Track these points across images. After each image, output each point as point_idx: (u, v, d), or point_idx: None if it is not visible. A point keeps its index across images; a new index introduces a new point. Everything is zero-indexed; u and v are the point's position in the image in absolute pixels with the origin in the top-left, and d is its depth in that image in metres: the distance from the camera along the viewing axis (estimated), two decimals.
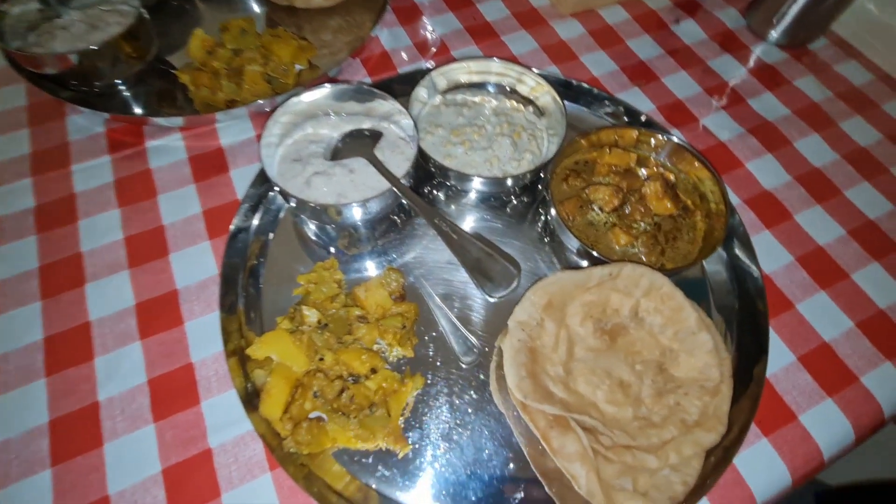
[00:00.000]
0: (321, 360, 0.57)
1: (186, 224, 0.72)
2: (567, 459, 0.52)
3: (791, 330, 0.68)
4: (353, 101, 0.76)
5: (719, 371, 0.57)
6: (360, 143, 0.71)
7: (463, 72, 0.83)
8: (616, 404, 0.57)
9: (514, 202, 0.79)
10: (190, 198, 0.75)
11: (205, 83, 0.79)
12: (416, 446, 0.58)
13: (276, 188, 0.65)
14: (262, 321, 0.64)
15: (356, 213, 0.68)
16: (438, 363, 0.63)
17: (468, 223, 0.76)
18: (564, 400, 0.57)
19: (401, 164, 0.70)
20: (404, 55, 0.93)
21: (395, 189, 0.63)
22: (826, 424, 0.62)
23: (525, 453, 0.59)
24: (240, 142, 0.81)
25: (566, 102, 0.77)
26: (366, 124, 0.75)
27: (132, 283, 0.67)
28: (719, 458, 0.56)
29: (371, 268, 0.70)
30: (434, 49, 0.95)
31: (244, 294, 0.66)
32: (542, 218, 0.77)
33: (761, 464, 0.59)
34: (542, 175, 0.75)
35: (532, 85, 0.82)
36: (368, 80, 0.90)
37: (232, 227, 0.70)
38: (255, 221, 0.72)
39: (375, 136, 0.72)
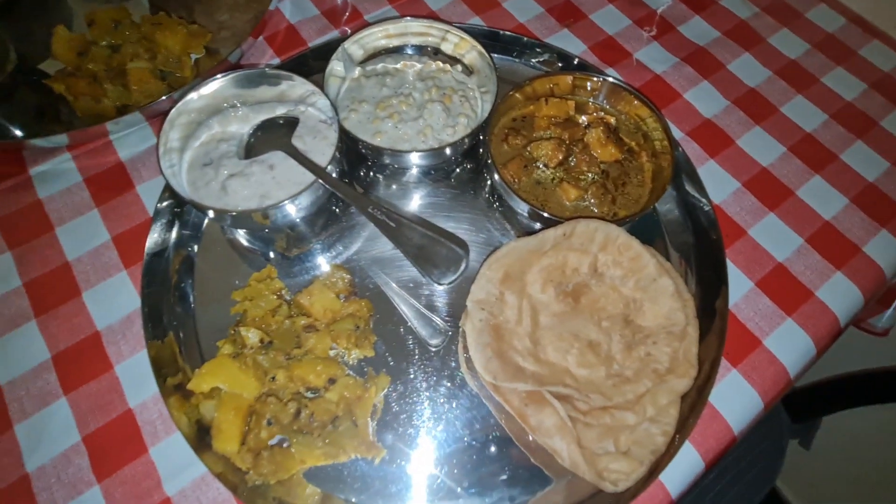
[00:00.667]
0: (273, 380, 0.52)
1: (95, 256, 0.64)
2: (546, 435, 0.50)
3: (746, 257, 0.68)
4: (261, 88, 0.68)
5: (684, 314, 0.56)
6: (275, 135, 0.64)
7: (379, 37, 0.76)
8: (588, 366, 0.56)
9: (457, 171, 0.74)
10: (94, 225, 0.66)
11: (83, 90, 0.69)
12: (392, 448, 0.55)
13: (187, 201, 0.58)
14: (202, 349, 0.58)
15: (287, 213, 0.61)
16: (405, 355, 0.60)
17: (413, 202, 0.71)
18: (536, 373, 0.55)
19: (325, 151, 0.63)
20: (313, 27, 0.84)
21: (321, 181, 0.57)
22: (789, 344, 0.63)
23: (506, 430, 0.57)
24: (142, 152, 0.72)
25: (494, 55, 0.72)
26: (279, 112, 0.67)
27: (43, 333, 0.59)
28: (694, 399, 0.56)
29: (320, 266, 0.65)
30: (346, 15, 0.86)
31: (174, 322, 0.59)
32: (489, 183, 0.73)
33: (734, 395, 0.60)
34: (480, 138, 0.70)
35: (455, 42, 0.75)
36: (277, 60, 0.81)
37: (147, 249, 0.62)
38: (173, 238, 0.64)
39: (291, 123, 0.64)
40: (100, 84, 0.69)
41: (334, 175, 0.61)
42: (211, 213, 0.58)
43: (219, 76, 0.64)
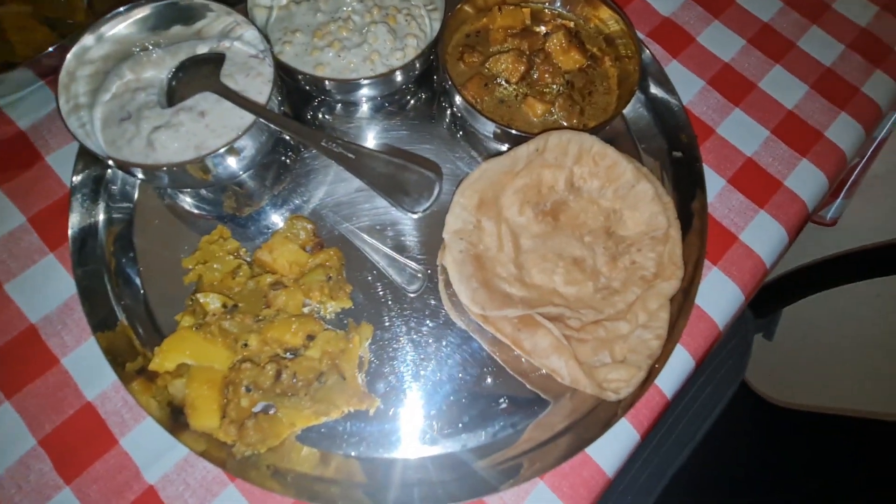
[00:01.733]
0: (245, 346, 0.48)
1: (12, 241, 0.55)
2: (543, 356, 0.49)
3: (717, 155, 0.67)
4: (176, 25, 0.59)
5: (665, 217, 0.55)
6: (201, 74, 0.55)
7: None
8: (575, 283, 0.54)
9: (411, 99, 0.68)
10: (3, 208, 0.57)
11: None
12: (386, 396, 0.52)
13: (109, 163, 0.50)
14: (158, 327, 0.53)
15: (229, 164, 0.54)
16: (384, 302, 0.56)
17: (368, 139, 0.65)
18: (525, 297, 0.52)
19: (262, 90, 0.56)
20: None
21: (263, 120, 0.50)
22: (764, 235, 0.63)
23: (498, 360, 0.56)
24: (43, 117, 0.61)
25: None
26: (200, 50, 0.58)
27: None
28: (681, 301, 0.56)
29: (277, 224, 0.59)
30: None
31: (123, 303, 0.53)
32: (448, 109, 0.67)
33: (716, 292, 0.60)
34: (432, 59, 0.64)
35: None
36: None
37: (71, 227, 0.54)
38: (101, 210, 0.56)
39: (216, 60, 0.56)
40: None
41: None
42: (140, 173, 0.50)
43: (120, 13, 0.54)
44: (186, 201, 0.60)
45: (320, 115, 0.66)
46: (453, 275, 0.52)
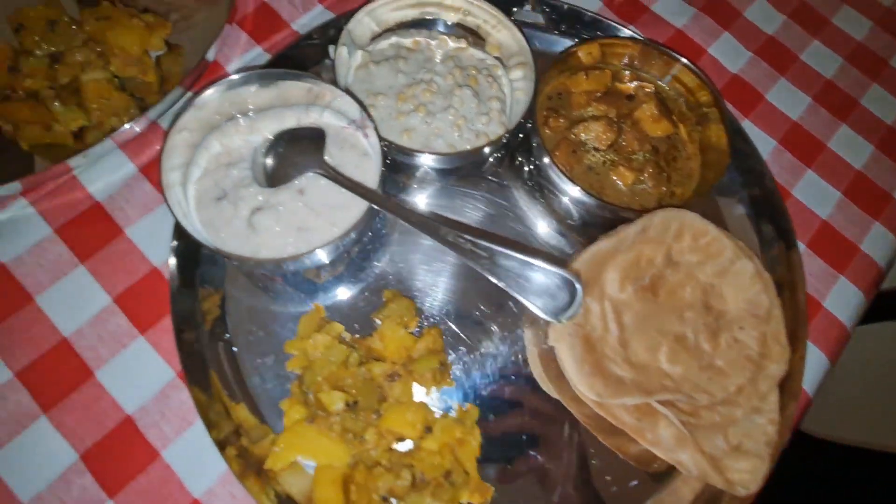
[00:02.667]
0: (362, 440, 0.46)
1: (98, 325, 0.53)
2: (668, 449, 0.49)
3: (795, 219, 0.67)
4: (258, 90, 0.57)
5: (767, 296, 0.55)
6: (299, 150, 0.53)
7: (387, 12, 0.64)
8: (680, 362, 0.54)
9: (491, 165, 0.67)
10: (85, 287, 0.54)
11: (27, 117, 0.54)
12: (496, 482, 0.51)
13: (210, 250, 0.48)
14: (262, 413, 0.51)
15: (331, 252, 0.53)
16: (480, 376, 0.56)
17: (446, 209, 0.64)
18: (635, 380, 0.52)
19: (362, 165, 0.54)
20: (289, 2, 0.70)
21: (374, 206, 0.48)
22: (844, 301, 0.65)
23: (592, 430, 0.56)
24: (119, 183, 0.59)
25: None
26: (289, 119, 0.56)
27: (60, 430, 0.49)
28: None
29: (371, 298, 0.57)
30: None
31: (224, 391, 0.51)
32: (529, 173, 0.66)
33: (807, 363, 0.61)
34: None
35: (467, 10, 0.66)
36: (258, 49, 0.67)
37: (172, 308, 0.52)
38: (196, 290, 0.54)
39: (314, 134, 0.54)
40: (46, 105, 0.54)
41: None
42: (246, 265, 0.48)
43: (214, 85, 0.52)
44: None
45: (393, 178, 0.65)
46: (566, 360, 0.51)
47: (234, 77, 0.53)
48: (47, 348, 0.51)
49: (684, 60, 0.63)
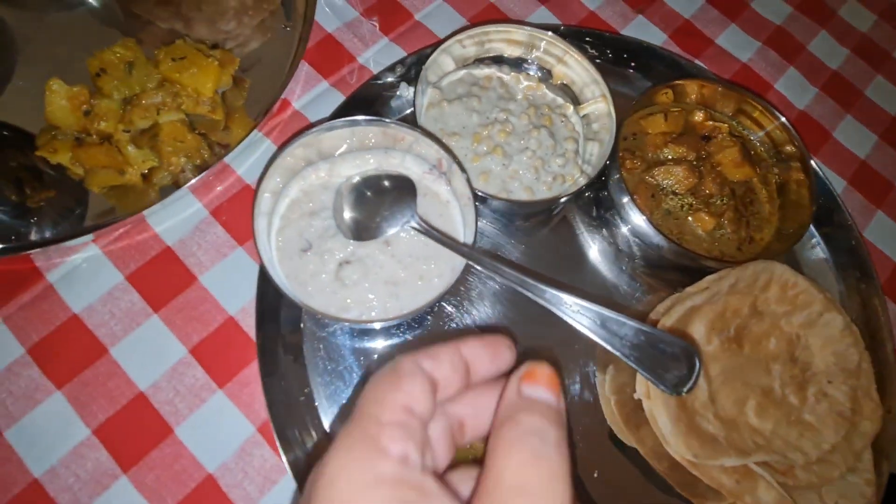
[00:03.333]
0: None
1: (174, 378, 0.51)
2: None
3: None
4: (334, 133, 0.55)
5: (857, 350, 0.54)
6: (390, 200, 0.51)
7: (462, 44, 0.63)
8: (768, 417, 0.53)
9: (558, 207, 0.65)
10: (160, 337, 0.52)
11: (101, 161, 0.52)
12: None
13: (300, 304, 0.46)
14: None
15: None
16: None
17: (514, 253, 0.62)
18: (727, 438, 0.51)
19: (446, 213, 0.53)
20: (356, 35, 0.68)
21: (472, 263, 0.47)
22: None
23: (669, 481, 0.55)
24: (189, 226, 0.57)
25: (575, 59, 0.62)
26: (369, 164, 0.54)
27: (141, 491, 0.47)
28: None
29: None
30: (380, 16, 0.70)
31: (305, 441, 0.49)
32: (597, 214, 0.65)
33: None
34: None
35: (546, 48, 0.64)
36: (324, 83, 0.65)
37: (262, 371, 0.50)
38: (281, 348, 0.52)
39: (404, 184, 0.52)
40: (120, 149, 0.52)
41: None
42: (332, 322, 0.47)
43: (300, 138, 0.50)
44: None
45: None
46: (661, 419, 0.50)
47: (321, 127, 0.51)
48: (124, 403, 0.50)
49: (758, 97, 0.62)
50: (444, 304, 0.59)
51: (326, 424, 0.51)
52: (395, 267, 0.50)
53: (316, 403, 0.51)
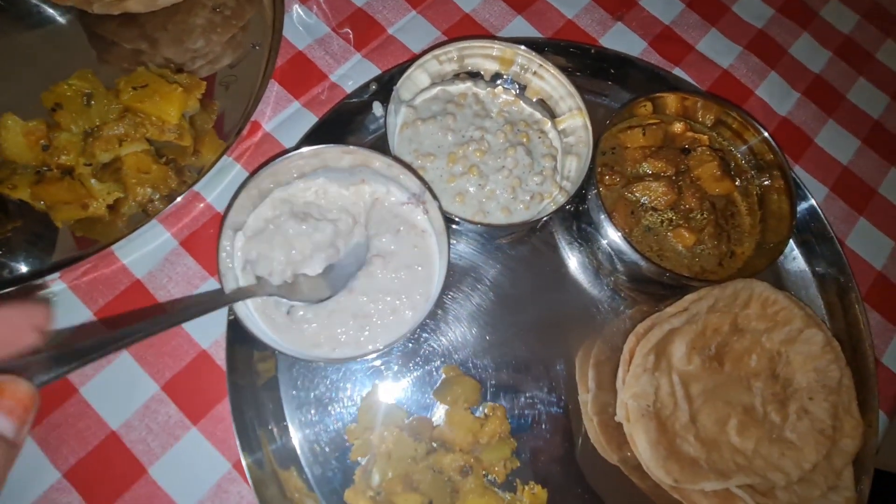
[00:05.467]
0: None
1: (147, 416, 0.50)
2: None
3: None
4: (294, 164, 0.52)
5: (838, 367, 0.54)
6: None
7: (437, 61, 0.61)
8: (749, 436, 0.53)
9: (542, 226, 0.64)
10: (131, 376, 0.51)
11: (63, 197, 0.50)
12: None
13: (268, 344, 0.45)
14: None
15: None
16: (545, 453, 0.55)
17: (493, 269, 0.61)
18: (709, 461, 0.51)
19: (420, 244, 0.51)
20: (329, 51, 0.67)
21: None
22: None
23: (651, 497, 0.55)
24: (160, 258, 0.55)
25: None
26: (344, 198, 0.53)
27: None
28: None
29: (425, 375, 0.55)
30: (352, 31, 0.68)
31: (287, 483, 0.48)
32: (578, 230, 0.64)
33: None
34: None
35: (523, 64, 0.63)
36: (295, 103, 0.64)
37: (231, 404, 0.49)
38: (257, 380, 0.51)
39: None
40: (83, 183, 0.51)
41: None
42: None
43: (273, 165, 0.48)
44: None
45: None
46: (641, 443, 0.50)
47: (288, 156, 0.49)
48: (95, 444, 0.49)
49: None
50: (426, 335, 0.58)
51: (301, 457, 0.50)
52: (360, 302, 0.49)
53: (291, 436, 0.51)
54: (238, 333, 0.51)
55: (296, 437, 0.51)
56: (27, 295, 0.50)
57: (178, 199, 0.51)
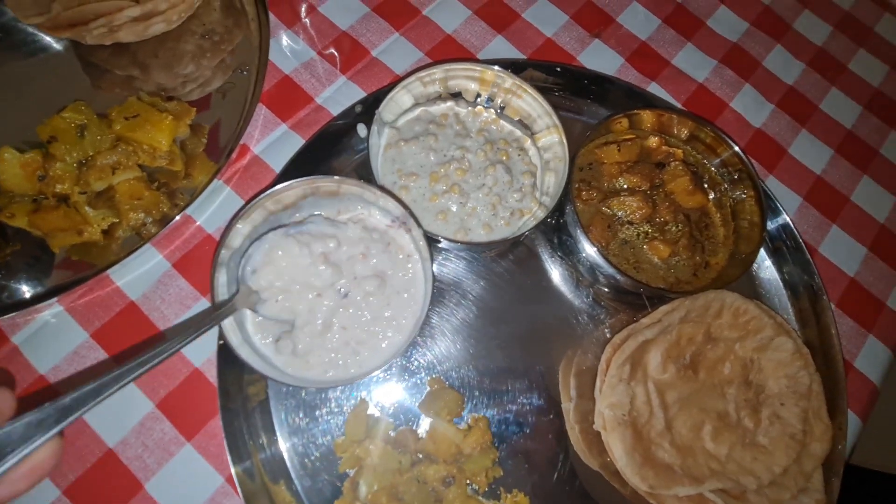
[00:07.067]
0: None
1: (143, 433, 0.52)
2: None
3: (823, 278, 0.68)
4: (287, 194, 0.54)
5: (807, 373, 0.56)
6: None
7: (419, 84, 0.63)
8: (723, 441, 0.55)
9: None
10: (127, 395, 0.53)
11: (59, 224, 0.52)
12: None
13: (257, 370, 0.47)
14: None
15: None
16: (526, 461, 0.57)
17: (476, 282, 0.63)
18: (683, 466, 0.53)
19: (412, 270, 0.53)
20: (314, 74, 0.69)
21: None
22: (874, 361, 0.66)
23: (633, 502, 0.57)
24: (153, 279, 0.58)
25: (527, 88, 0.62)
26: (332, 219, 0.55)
27: None
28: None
29: (410, 388, 0.57)
30: (337, 54, 0.70)
31: (277, 496, 0.51)
32: (559, 242, 0.66)
33: None
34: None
35: (501, 84, 0.65)
36: (283, 126, 0.66)
37: (223, 421, 0.51)
38: (248, 399, 0.53)
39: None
40: (78, 210, 0.53)
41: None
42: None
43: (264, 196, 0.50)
44: None
45: None
46: (617, 451, 0.52)
47: (278, 188, 0.51)
48: (93, 461, 0.51)
49: (708, 123, 0.63)
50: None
51: (291, 470, 0.52)
52: (352, 329, 0.50)
53: (282, 449, 0.53)
54: (228, 356, 0.53)
55: (286, 451, 0.53)
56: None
57: (172, 222, 0.53)
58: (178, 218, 0.56)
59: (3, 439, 0.29)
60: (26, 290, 0.56)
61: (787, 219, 0.66)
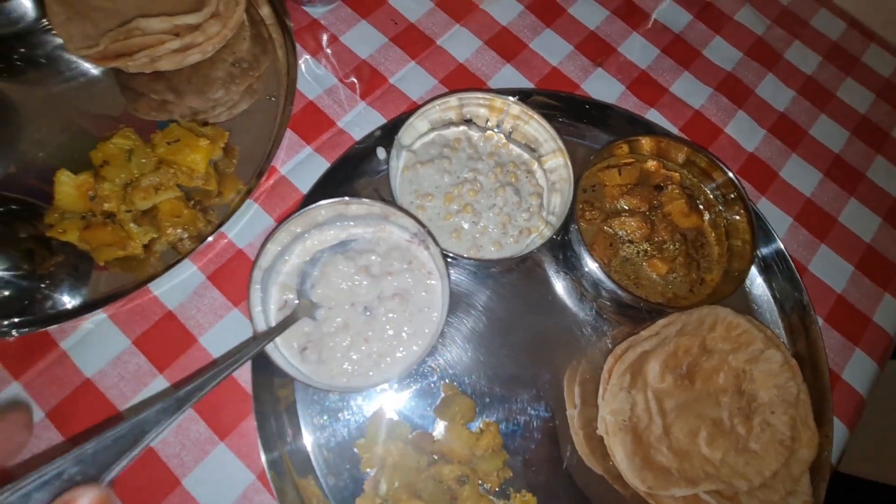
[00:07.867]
0: None
1: (180, 433, 0.56)
2: None
3: (812, 293, 0.72)
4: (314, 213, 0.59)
5: (795, 383, 0.60)
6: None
7: (436, 111, 0.68)
8: (718, 447, 0.59)
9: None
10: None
11: (107, 240, 0.57)
12: None
13: (289, 373, 0.52)
14: None
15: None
16: (535, 462, 0.60)
17: (482, 295, 0.68)
18: (681, 469, 0.57)
19: (431, 287, 0.58)
20: (336, 100, 0.74)
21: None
22: (860, 372, 0.70)
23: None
24: (189, 291, 0.62)
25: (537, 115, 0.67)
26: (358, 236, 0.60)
27: None
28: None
29: (425, 391, 0.61)
30: (357, 81, 0.76)
31: (304, 491, 0.55)
32: (563, 258, 0.70)
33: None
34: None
35: (510, 111, 0.70)
36: (307, 148, 0.71)
37: (259, 430, 0.55)
38: (280, 403, 0.58)
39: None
40: (123, 227, 0.58)
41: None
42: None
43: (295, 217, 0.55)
44: None
45: None
46: (618, 454, 0.56)
47: (308, 209, 0.56)
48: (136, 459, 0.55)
49: (702, 150, 0.68)
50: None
51: (316, 468, 0.56)
52: (372, 339, 0.55)
53: (308, 449, 0.57)
54: (261, 362, 0.57)
55: (312, 451, 0.57)
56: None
57: (209, 238, 0.58)
58: (213, 235, 0.61)
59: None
60: (68, 300, 0.60)
61: (777, 238, 0.71)
